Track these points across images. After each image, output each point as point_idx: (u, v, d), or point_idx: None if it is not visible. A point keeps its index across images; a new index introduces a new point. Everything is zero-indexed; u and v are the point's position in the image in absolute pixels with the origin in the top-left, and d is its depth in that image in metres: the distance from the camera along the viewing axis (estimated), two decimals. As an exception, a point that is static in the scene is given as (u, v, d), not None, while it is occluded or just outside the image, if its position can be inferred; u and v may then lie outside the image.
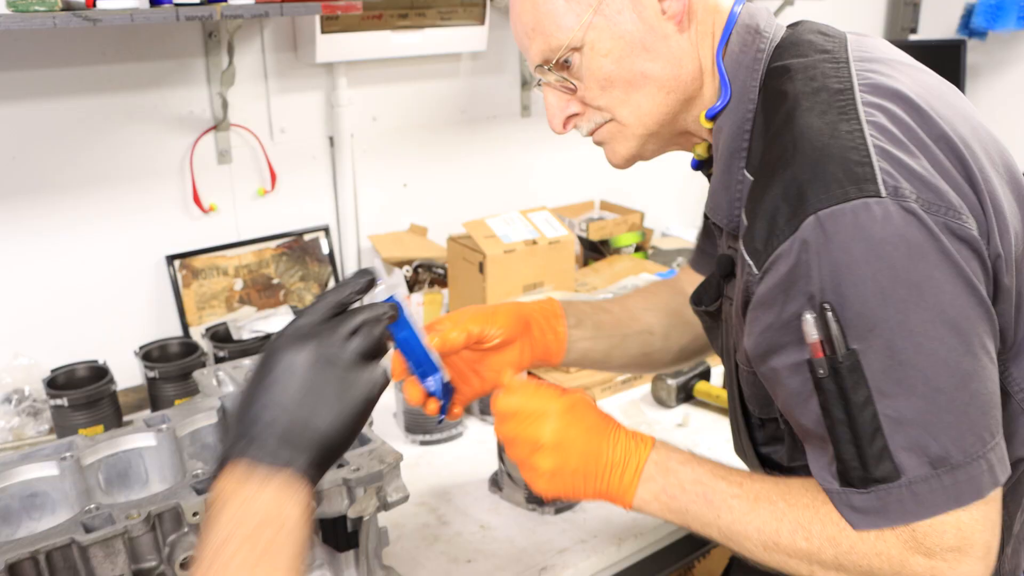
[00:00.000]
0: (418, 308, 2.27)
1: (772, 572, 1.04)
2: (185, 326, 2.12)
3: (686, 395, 1.90)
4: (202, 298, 2.14)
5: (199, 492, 1.07)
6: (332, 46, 2.14)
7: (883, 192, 0.87)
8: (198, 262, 2.14)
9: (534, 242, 2.15)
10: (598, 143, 1.16)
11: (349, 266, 2.40)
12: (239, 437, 0.79)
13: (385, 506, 1.14)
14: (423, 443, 1.77)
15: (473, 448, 1.76)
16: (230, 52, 2.01)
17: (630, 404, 1.89)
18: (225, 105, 2.09)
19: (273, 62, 2.18)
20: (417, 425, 1.78)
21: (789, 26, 1.11)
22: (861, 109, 0.94)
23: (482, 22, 2.33)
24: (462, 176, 2.56)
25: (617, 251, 2.60)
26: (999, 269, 0.94)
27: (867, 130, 0.91)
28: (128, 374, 1.90)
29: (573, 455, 1.05)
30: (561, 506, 1.52)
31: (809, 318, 0.91)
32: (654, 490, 1.04)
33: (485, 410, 1.84)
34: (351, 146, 2.32)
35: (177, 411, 1.29)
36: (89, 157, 1.99)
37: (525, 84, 2.59)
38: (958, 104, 1.02)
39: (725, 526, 1.01)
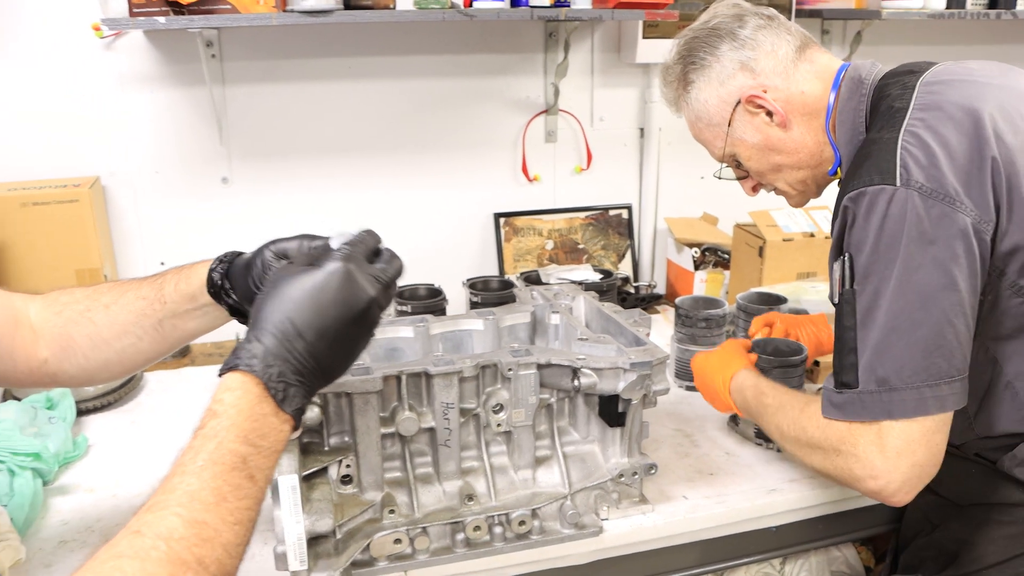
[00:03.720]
0: (701, 284, 2.55)
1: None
2: (502, 273, 2.55)
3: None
4: (518, 252, 2.56)
5: (514, 356, 1.43)
6: (650, 49, 2.49)
7: (897, 183, 1.21)
8: (519, 222, 2.56)
9: (811, 235, 2.37)
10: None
11: (646, 242, 2.74)
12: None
13: (650, 393, 1.45)
14: (688, 388, 2.05)
15: (731, 398, 2.01)
16: (566, 49, 2.42)
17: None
18: (556, 93, 2.50)
19: (599, 60, 2.57)
20: (685, 373, 2.06)
21: (890, 70, 1.44)
22: (906, 122, 1.27)
23: (788, 35, 2.57)
24: (755, 176, 2.81)
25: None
26: (1005, 235, 1.21)
27: (901, 137, 1.25)
28: (455, 303, 2.33)
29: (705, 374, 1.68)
30: (785, 446, 1.74)
31: (838, 262, 1.28)
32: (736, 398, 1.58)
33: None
34: (658, 138, 2.66)
35: (501, 309, 1.68)
36: (445, 126, 2.48)
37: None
38: (1007, 110, 1.26)
39: (765, 423, 1.48)
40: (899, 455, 1.22)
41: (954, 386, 1.22)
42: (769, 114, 1.47)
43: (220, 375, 0.92)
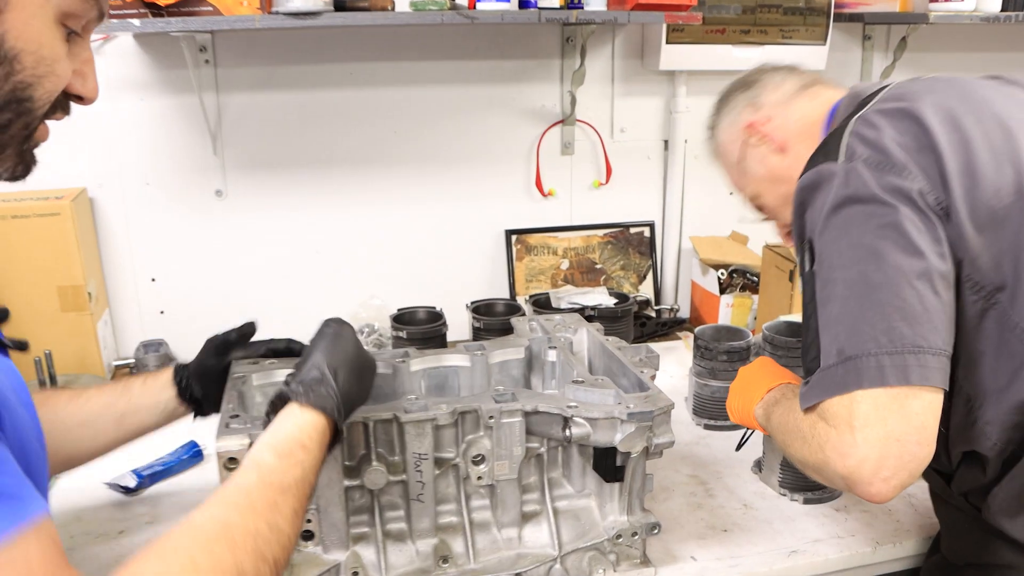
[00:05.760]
0: (727, 309, 2.38)
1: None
2: (513, 294, 2.39)
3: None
4: (531, 271, 2.40)
5: (497, 402, 1.27)
6: (675, 56, 2.32)
7: (841, 158, 1.16)
8: (532, 239, 2.40)
9: (848, 258, 2.18)
10: None
11: (669, 261, 2.56)
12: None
13: (651, 446, 1.28)
14: (707, 427, 1.88)
15: (753, 440, 1.83)
16: (582, 54, 2.25)
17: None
18: (573, 102, 2.33)
19: (620, 67, 2.40)
20: (703, 410, 1.89)
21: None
22: (863, 111, 1.22)
23: (823, 41, 2.39)
24: (789, 192, 2.63)
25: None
26: (958, 217, 1.11)
27: (852, 123, 1.20)
28: (459, 328, 2.19)
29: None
30: (810, 497, 1.57)
31: (803, 252, 1.20)
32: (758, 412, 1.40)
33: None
34: (684, 151, 2.49)
35: (493, 343, 1.52)
36: (453, 137, 2.33)
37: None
38: (972, 105, 1.20)
39: (770, 427, 1.33)
40: (867, 424, 1.05)
41: (922, 359, 1.06)
42: (772, 144, 1.48)
43: (302, 405, 1.06)
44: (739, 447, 1.68)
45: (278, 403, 1.08)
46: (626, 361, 1.43)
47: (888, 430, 1.04)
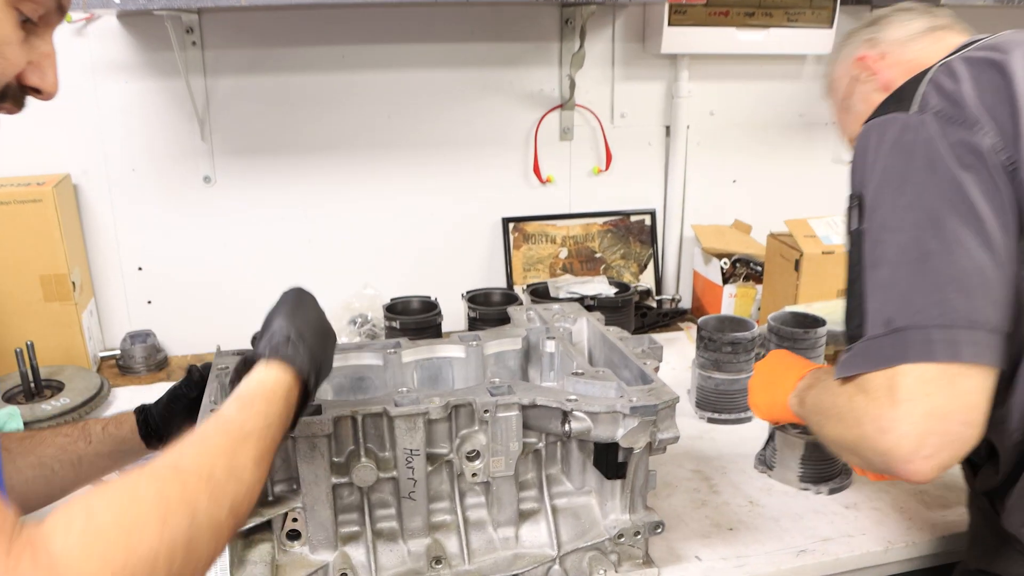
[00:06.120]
0: (730, 300, 2.32)
1: None
2: (510, 284, 2.32)
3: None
4: (529, 260, 2.34)
5: (492, 395, 1.21)
6: (677, 38, 2.25)
7: (913, 109, 1.08)
8: (530, 227, 2.34)
9: (855, 247, 2.11)
10: None
11: (671, 250, 2.50)
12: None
13: (655, 442, 1.22)
14: (710, 420, 1.82)
15: (759, 433, 1.77)
16: (582, 36, 2.18)
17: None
18: (573, 86, 2.27)
19: (621, 50, 2.33)
20: (707, 403, 1.83)
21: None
22: (948, 59, 1.13)
23: (830, 25, 2.32)
24: (794, 180, 2.56)
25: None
26: None
27: (933, 70, 1.11)
28: (454, 317, 2.12)
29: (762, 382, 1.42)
30: (835, 486, 1.51)
31: (851, 207, 1.11)
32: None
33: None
34: (686, 137, 2.42)
35: (488, 333, 1.46)
36: (449, 122, 2.26)
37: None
38: None
39: (804, 413, 1.26)
40: (911, 399, 0.97)
41: (976, 335, 0.98)
42: (878, 81, 1.39)
43: (268, 363, 1.02)
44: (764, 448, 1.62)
45: (243, 367, 1.03)
46: (628, 352, 1.37)
47: (933, 405, 0.97)
